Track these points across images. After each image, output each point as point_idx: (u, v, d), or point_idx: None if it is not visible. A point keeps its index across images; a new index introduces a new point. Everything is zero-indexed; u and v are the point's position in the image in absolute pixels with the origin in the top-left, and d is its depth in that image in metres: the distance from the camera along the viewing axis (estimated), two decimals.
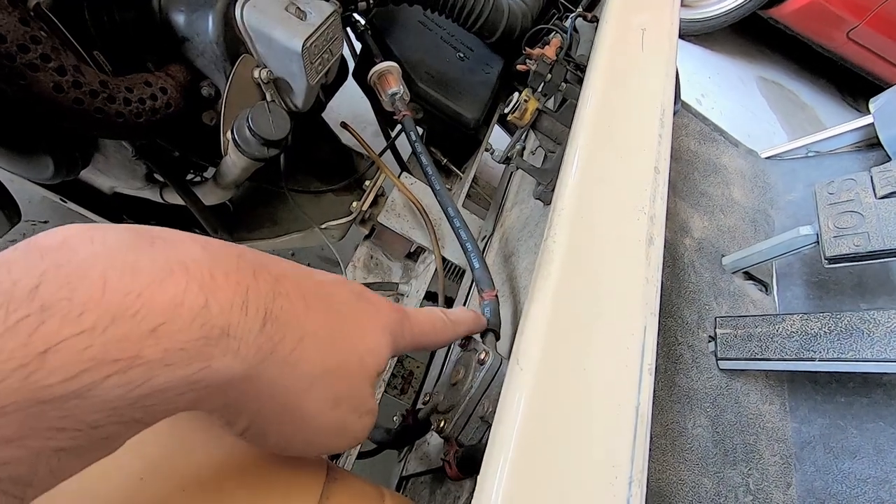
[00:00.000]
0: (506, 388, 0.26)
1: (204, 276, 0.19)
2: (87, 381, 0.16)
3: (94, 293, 0.16)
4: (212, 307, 0.19)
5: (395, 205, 0.79)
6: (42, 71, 0.43)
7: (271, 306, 0.21)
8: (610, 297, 0.29)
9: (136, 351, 0.17)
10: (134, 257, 0.18)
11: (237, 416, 0.23)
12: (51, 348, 0.15)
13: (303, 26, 0.55)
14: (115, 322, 0.16)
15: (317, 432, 0.25)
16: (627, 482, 0.22)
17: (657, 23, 0.47)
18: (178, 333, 0.18)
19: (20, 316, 0.15)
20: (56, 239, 0.18)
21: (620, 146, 0.36)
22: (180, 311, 0.18)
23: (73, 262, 0.17)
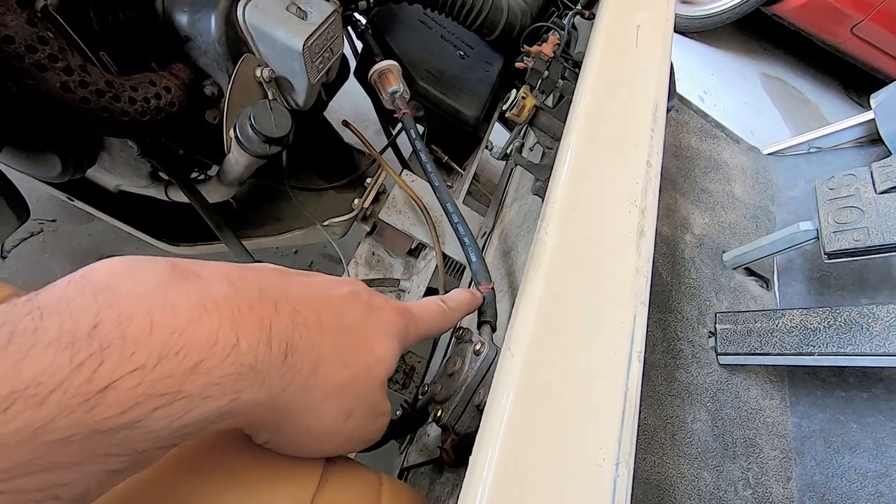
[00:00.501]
0: (497, 374, 0.27)
1: (233, 313, 0.21)
2: (138, 413, 0.18)
3: (142, 332, 0.19)
4: (242, 345, 0.21)
5: (396, 202, 0.80)
6: (49, 71, 0.44)
7: (291, 337, 0.24)
8: (600, 287, 0.29)
9: (179, 386, 0.19)
10: (173, 295, 0.20)
11: (258, 432, 0.25)
12: (109, 385, 0.17)
13: (304, 25, 0.56)
14: (162, 361, 0.19)
15: (332, 441, 0.28)
16: (614, 464, 0.23)
17: (652, 20, 0.47)
18: (214, 370, 0.20)
19: (84, 356, 0.17)
20: (104, 277, 0.20)
21: (613, 141, 0.37)
22: (215, 349, 0.20)
23: (123, 301, 0.19)
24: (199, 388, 0.20)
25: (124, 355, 0.18)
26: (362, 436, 0.29)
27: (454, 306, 0.38)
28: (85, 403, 0.17)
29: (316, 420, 0.26)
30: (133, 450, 0.19)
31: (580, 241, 0.31)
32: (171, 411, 0.19)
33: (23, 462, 0.16)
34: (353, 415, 0.27)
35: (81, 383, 0.17)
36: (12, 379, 0.16)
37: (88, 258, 1.04)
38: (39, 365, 0.16)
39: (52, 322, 0.17)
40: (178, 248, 0.83)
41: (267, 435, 0.26)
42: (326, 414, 0.26)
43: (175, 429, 0.19)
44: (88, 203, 0.78)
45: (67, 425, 0.17)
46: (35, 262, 1.01)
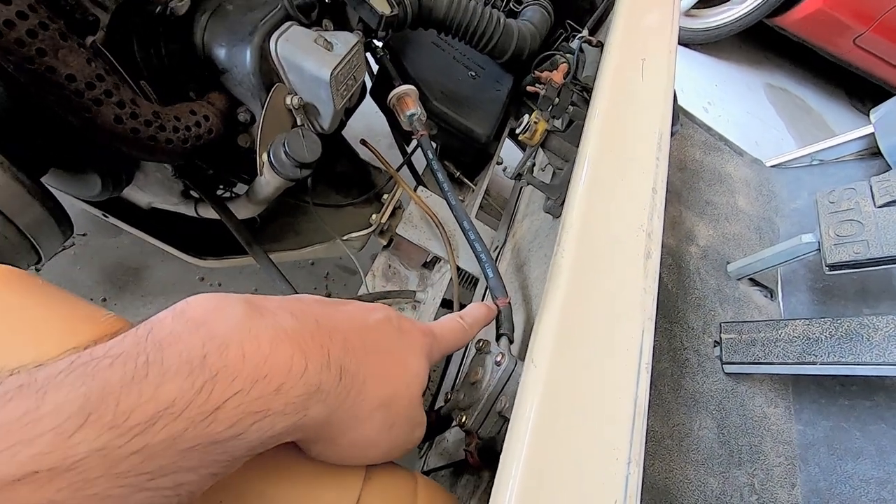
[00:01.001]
0: (522, 383, 0.30)
1: (301, 342, 0.26)
2: (241, 428, 0.22)
3: (238, 361, 0.23)
4: (310, 369, 0.25)
5: (412, 217, 0.84)
6: (105, 105, 0.48)
7: (344, 362, 0.28)
8: (612, 305, 0.33)
9: (268, 405, 0.23)
10: (255, 328, 0.25)
11: (314, 445, 0.29)
12: (220, 406, 0.22)
13: (330, 56, 0.60)
14: (255, 385, 0.23)
15: (377, 450, 0.31)
16: (626, 462, 0.26)
17: (656, 53, 0.51)
18: (292, 391, 0.24)
19: (202, 382, 0.22)
20: (199, 313, 0.24)
21: (622, 169, 0.41)
22: (291, 374, 0.24)
23: (220, 335, 0.24)
24: (281, 406, 0.24)
25: (228, 381, 0.22)
26: (404, 444, 0.33)
27: (471, 322, 0.42)
28: (205, 420, 0.21)
29: (364, 431, 0.30)
30: (234, 457, 0.23)
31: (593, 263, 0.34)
32: (262, 426, 0.23)
33: (164, 465, 0.20)
34: (395, 426, 0.31)
35: (202, 403, 0.21)
36: (155, 402, 0.21)
37: (117, 270, 1.09)
38: (173, 390, 0.21)
39: (172, 353, 0.22)
40: (204, 262, 0.87)
41: (321, 447, 0.29)
42: (373, 426, 0.30)
43: (265, 440, 0.24)
44: (121, 219, 0.82)
45: (193, 436, 0.21)
46: (67, 275, 1.05)
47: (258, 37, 0.57)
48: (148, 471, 0.20)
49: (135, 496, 0.20)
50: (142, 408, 0.20)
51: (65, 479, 0.18)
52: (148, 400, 0.20)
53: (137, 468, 0.20)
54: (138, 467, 0.20)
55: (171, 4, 0.58)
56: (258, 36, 0.57)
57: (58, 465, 0.18)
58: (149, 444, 0.20)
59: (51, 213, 0.60)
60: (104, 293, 1.06)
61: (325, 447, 0.30)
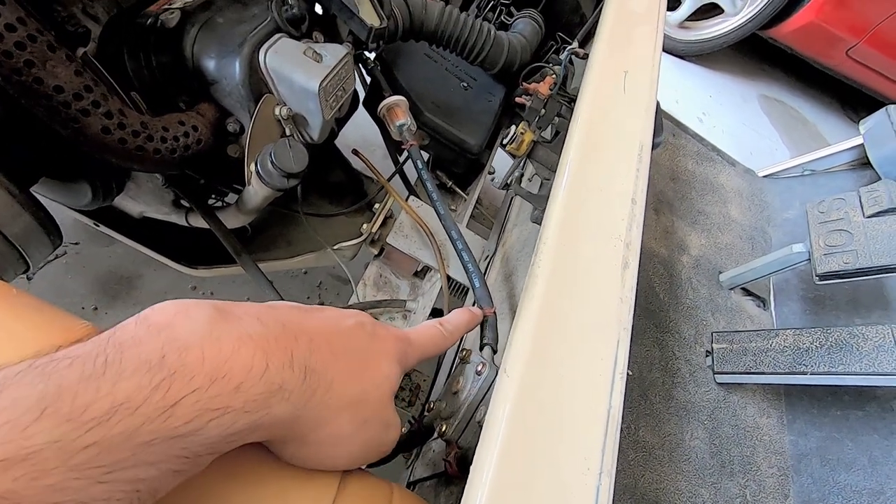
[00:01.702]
0: (495, 393, 0.30)
1: (263, 344, 0.26)
2: (199, 423, 0.23)
3: (197, 361, 0.24)
4: (271, 369, 0.26)
5: (402, 227, 0.84)
6: (92, 115, 0.49)
7: (309, 361, 0.28)
8: (587, 315, 0.33)
9: (227, 403, 0.24)
10: (218, 331, 0.25)
11: (284, 444, 0.30)
12: (178, 402, 0.22)
13: (319, 68, 0.60)
14: (213, 383, 0.24)
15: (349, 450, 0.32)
16: (598, 473, 0.26)
17: (639, 66, 0.52)
18: (252, 389, 0.25)
19: (159, 379, 0.22)
20: (164, 319, 0.25)
21: (601, 180, 0.41)
22: (252, 373, 0.25)
23: (181, 338, 0.24)
24: (241, 403, 0.24)
25: (185, 379, 0.23)
26: (377, 445, 0.33)
27: (452, 328, 0.42)
28: (162, 415, 0.22)
29: (333, 429, 0.30)
30: (194, 453, 0.24)
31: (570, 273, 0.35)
32: (222, 422, 0.24)
33: (121, 459, 0.21)
34: (367, 423, 0.32)
35: (159, 399, 0.22)
36: (111, 397, 0.21)
37: (109, 279, 1.09)
38: (130, 387, 0.22)
39: (132, 354, 0.23)
40: (195, 271, 0.87)
41: (293, 448, 0.30)
42: (344, 422, 0.30)
43: (225, 436, 0.24)
44: (113, 228, 0.82)
45: (152, 430, 0.22)
46: (59, 284, 1.05)
47: (247, 48, 0.58)
48: (104, 464, 0.20)
49: (91, 489, 0.20)
50: (98, 403, 0.21)
51: (20, 468, 0.19)
52: (105, 395, 0.21)
53: (93, 461, 0.20)
54: (94, 460, 0.20)
55: (161, 17, 0.59)
56: (247, 48, 0.58)
57: (13, 455, 0.19)
58: (105, 437, 0.20)
59: (40, 223, 0.60)
60: (96, 302, 1.06)
61: (297, 448, 0.30)
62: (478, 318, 0.46)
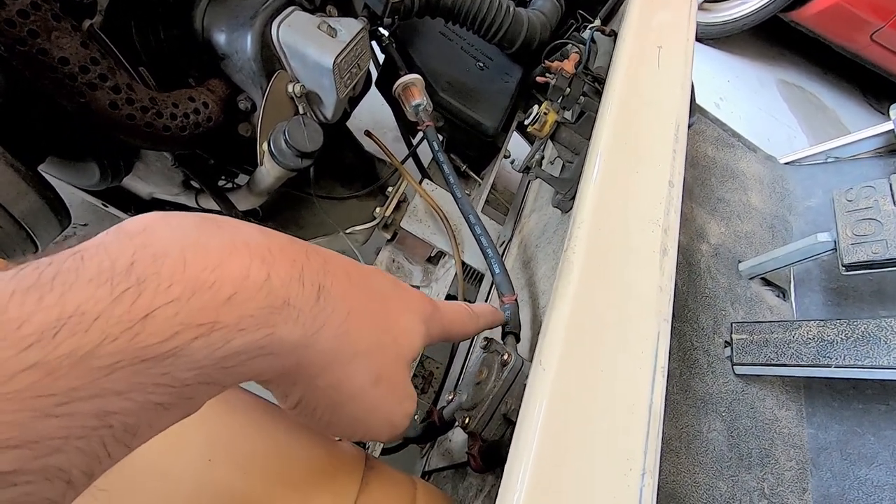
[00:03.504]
0: (529, 387, 0.29)
1: (264, 252, 0.22)
2: (179, 342, 0.19)
3: (176, 268, 0.19)
4: (273, 280, 0.21)
5: (416, 210, 0.82)
6: (100, 89, 0.47)
7: (323, 281, 0.24)
8: (626, 305, 0.31)
9: (215, 317, 0.19)
10: (206, 238, 0.21)
11: (292, 386, 0.25)
12: (149, 315, 0.18)
13: (333, 43, 0.58)
14: (196, 293, 0.19)
15: (360, 409, 0.27)
16: (640, 473, 0.25)
17: (673, 40, 0.49)
18: (249, 302, 0.20)
19: (123, 288, 0.18)
20: (140, 225, 0.21)
21: (636, 161, 0.39)
22: (247, 283, 0.21)
23: (157, 243, 0.20)
24: (234, 319, 0.20)
25: (160, 288, 0.19)
26: (387, 415, 0.28)
27: (479, 314, 0.39)
28: (128, 331, 0.18)
29: (346, 376, 0.26)
30: (178, 380, 0.19)
31: (606, 260, 0.32)
32: (209, 341, 0.19)
33: (75, 387, 0.17)
34: (380, 381, 0.27)
35: (122, 313, 0.18)
36: (58, 308, 0.17)
37: None
38: (82, 296, 0.17)
39: (92, 262, 0.18)
40: None
41: (300, 391, 0.25)
42: (356, 371, 0.26)
43: (216, 360, 0.20)
44: (122, 209, 0.81)
45: (113, 351, 0.17)
46: None
47: (259, 22, 0.55)
48: (53, 392, 0.16)
49: (39, 423, 0.16)
50: (38, 315, 0.17)
51: None
52: (48, 307, 0.17)
53: (36, 388, 0.16)
54: (36, 386, 0.16)
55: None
56: (259, 21, 0.55)
57: None
58: (48, 357, 0.16)
59: (47, 203, 0.59)
60: None
61: (303, 392, 0.25)
62: (501, 319, 0.43)
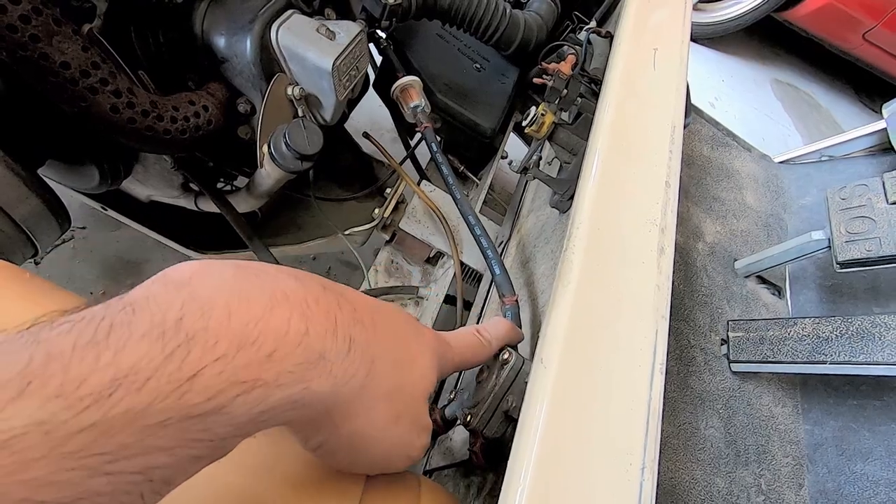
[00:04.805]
0: (531, 384, 0.29)
1: (302, 304, 0.23)
2: (223, 400, 0.19)
3: (222, 322, 0.20)
4: (311, 334, 0.22)
5: (415, 211, 0.82)
6: (101, 93, 0.47)
7: (353, 332, 0.24)
8: (624, 304, 0.31)
9: (257, 374, 0.20)
10: (247, 288, 0.22)
11: (316, 432, 0.26)
12: (197, 373, 0.19)
13: (332, 46, 0.58)
14: (241, 350, 0.20)
15: (381, 448, 0.28)
16: (640, 468, 0.25)
17: (669, 42, 0.49)
18: (288, 358, 0.21)
19: (174, 346, 0.18)
20: (185, 275, 0.21)
21: (634, 162, 0.39)
22: (288, 338, 0.21)
23: (203, 294, 0.20)
24: (274, 375, 0.21)
25: (208, 345, 0.19)
26: (406, 449, 0.30)
27: (491, 339, 0.38)
28: (177, 390, 0.18)
29: (369, 421, 0.26)
30: (217, 435, 0.20)
31: (605, 259, 0.33)
32: (250, 398, 0.20)
33: (125, 444, 0.17)
34: (400, 420, 0.28)
35: (172, 371, 0.18)
36: (114, 368, 0.17)
37: (117, 264, 1.08)
38: (136, 354, 0.18)
39: (144, 316, 0.19)
40: (204, 256, 0.86)
41: (323, 436, 0.26)
42: (378, 415, 0.27)
43: (254, 415, 0.21)
44: (121, 212, 0.81)
45: (163, 409, 0.18)
46: (66, 268, 1.04)
47: (259, 25, 0.56)
48: (106, 451, 0.17)
49: (90, 481, 0.16)
50: (97, 375, 0.17)
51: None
52: (105, 365, 0.17)
53: (91, 447, 0.16)
54: (92, 446, 0.16)
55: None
56: (259, 24, 0.56)
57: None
58: (105, 417, 0.17)
59: (47, 206, 0.59)
60: (104, 287, 1.05)
61: (327, 438, 0.26)
62: (518, 337, 0.42)
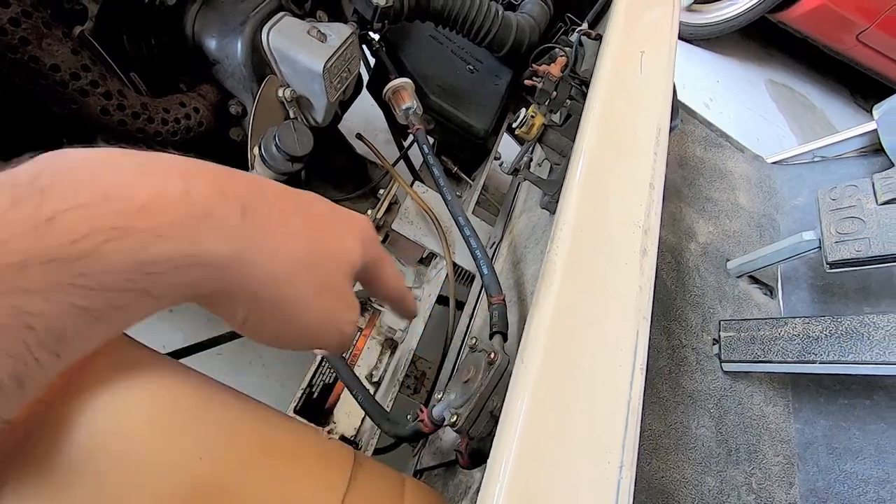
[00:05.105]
0: (512, 384, 0.30)
1: (180, 169, 0.22)
2: (89, 244, 0.18)
3: (85, 180, 0.19)
4: (192, 193, 0.21)
5: (408, 212, 0.83)
6: (91, 96, 0.47)
7: (249, 200, 0.24)
8: (606, 304, 0.32)
9: (127, 222, 0.19)
10: (118, 158, 0.21)
11: (235, 305, 0.25)
12: (55, 216, 0.18)
13: (324, 48, 0.59)
14: (108, 200, 0.19)
15: (308, 319, 0.27)
16: (618, 467, 0.26)
17: (656, 45, 0.50)
18: (166, 211, 0.20)
19: (25, 194, 0.18)
20: (49, 154, 0.20)
21: (618, 164, 0.40)
22: (163, 195, 0.20)
23: (65, 161, 0.20)
24: (150, 225, 0.20)
25: (66, 195, 0.18)
26: (336, 322, 0.29)
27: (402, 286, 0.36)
28: (33, 232, 0.18)
29: (288, 290, 0.26)
30: (101, 284, 0.19)
31: (588, 260, 0.33)
32: (123, 245, 0.19)
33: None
34: (323, 291, 0.28)
35: (26, 215, 0.18)
36: None
37: None
38: None
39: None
40: None
41: (244, 309, 0.25)
42: (297, 284, 0.26)
43: (135, 265, 0.20)
44: None
45: (19, 249, 0.17)
46: None
47: (250, 27, 0.56)
48: None
49: None
50: None
51: None
52: None
53: None
54: None
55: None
56: (250, 26, 0.56)
57: None
58: None
59: None
60: None
61: (251, 310, 0.25)
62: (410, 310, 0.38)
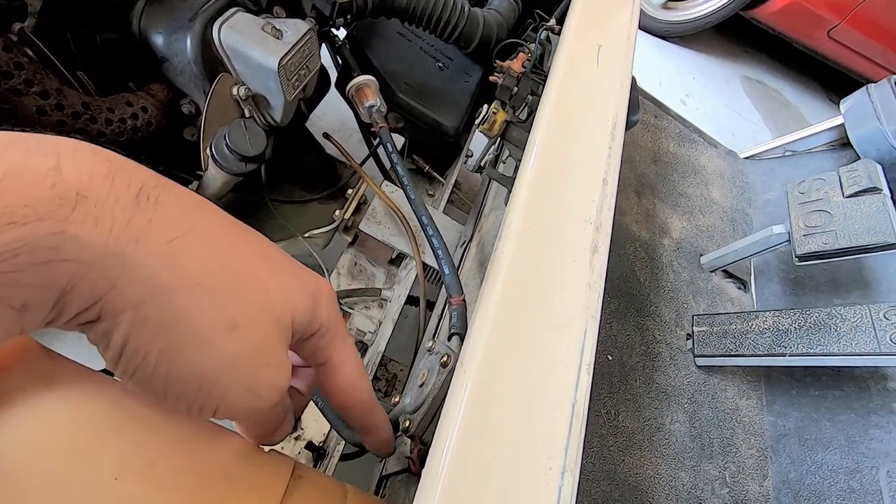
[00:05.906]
0: (451, 388, 0.28)
1: (59, 147, 0.18)
2: None
3: None
4: (64, 170, 0.17)
5: (376, 213, 0.81)
6: (25, 95, 0.45)
7: (149, 186, 0.20)
8: (553, 303, 0.31)
9: None
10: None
11: (111, 320, 0.19)
12: None
13: (279, 45, 0.57)
14: None
15: (208, 360, 0.21)
16: (560, 472, 0.25)
17: (614, 39, 0.49)
18: (22, 190, 0.16)
19: None
20: None
21: (571, 159, 0.39)
22: (24, 170, 0.16)
23: None
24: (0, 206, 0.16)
25: None
26: (249, 375, 0.22)
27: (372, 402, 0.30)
28: None
29: (184, 309, 0.20)
30: None
31: (534, 258, 0.33)
32: None
33: None
34: (237, 330, 0.21)
35: None
36: None
37: None
38: None
39: None
40: None
41: (125, 326, 0.19)
42: (199, 306, 0.20)
43: None
44: None
45: None
46: None
47: (199, 23, 0.54)
48: None
49: None
50: None
51: None
52: None
53: None
54: None
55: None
56: (199, 22, 0.54)
57: None
58: None
59: None
60: None
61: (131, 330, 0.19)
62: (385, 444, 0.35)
